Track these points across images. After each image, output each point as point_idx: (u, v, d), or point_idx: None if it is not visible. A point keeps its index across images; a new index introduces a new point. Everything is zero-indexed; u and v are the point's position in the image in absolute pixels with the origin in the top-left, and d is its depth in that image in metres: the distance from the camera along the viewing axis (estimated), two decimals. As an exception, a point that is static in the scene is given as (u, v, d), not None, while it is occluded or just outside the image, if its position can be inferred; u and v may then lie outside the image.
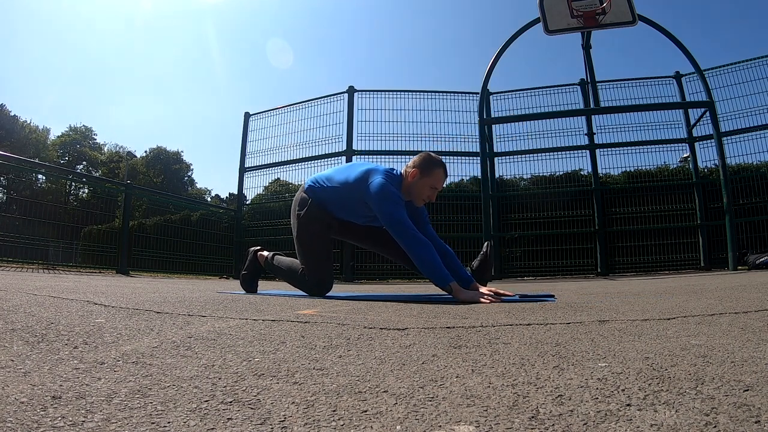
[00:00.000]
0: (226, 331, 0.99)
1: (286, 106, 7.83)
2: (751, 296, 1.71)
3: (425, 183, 2.20)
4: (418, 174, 2.19)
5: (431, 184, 2.21)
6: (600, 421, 0.43)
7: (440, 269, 1.95)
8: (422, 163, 2.21)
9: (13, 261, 5.75)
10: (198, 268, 7.50)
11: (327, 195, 2.29)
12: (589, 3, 5.94)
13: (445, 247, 2.24)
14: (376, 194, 2.09)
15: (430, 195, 2.23)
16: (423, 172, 2.19)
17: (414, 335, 0.98)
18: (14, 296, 1.57)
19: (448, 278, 1.93)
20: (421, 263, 2.00)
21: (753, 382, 0.54)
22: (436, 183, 2.22)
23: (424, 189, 2.21)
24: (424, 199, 2.24)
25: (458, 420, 0.45)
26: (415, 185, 2.21)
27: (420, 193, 2.22)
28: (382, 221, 2.10)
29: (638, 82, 7.28)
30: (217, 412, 0.48)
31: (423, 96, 7.46)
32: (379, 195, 2.08)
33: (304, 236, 2.33)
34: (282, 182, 8.02)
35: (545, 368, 0.65)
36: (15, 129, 36.37)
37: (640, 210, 6.93)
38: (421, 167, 2.20)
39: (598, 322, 1.13)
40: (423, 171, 2.19)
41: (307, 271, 2.33)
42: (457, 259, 2.22)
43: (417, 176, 2.19)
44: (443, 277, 1.94)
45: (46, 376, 0.59)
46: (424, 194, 2.22)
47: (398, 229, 2.03)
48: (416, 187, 2.21)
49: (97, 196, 11.78)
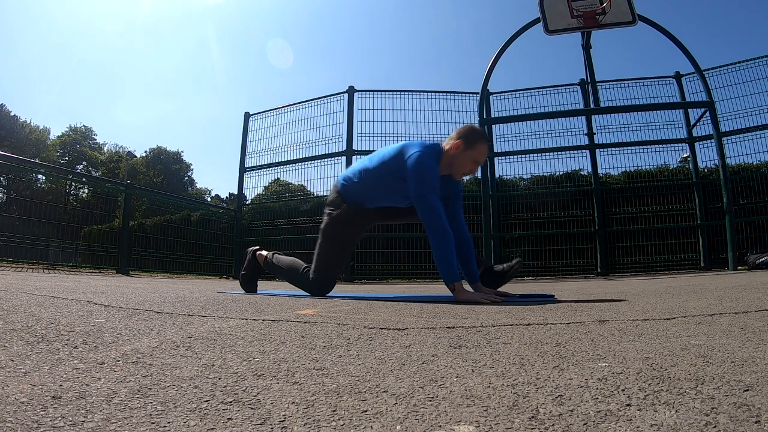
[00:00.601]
0: (226, 331, 0.99)
1: (286, 106, 7.83)
2: (751, 296, 1.71)
3: (468, 156, 2.12)
4: (462, 146, 2.11)
5: (474, 158, 2.13)
6: (600, 421, 0.43)
7: (451, 266, 1.95)
8: (466, 135, 2.13)
9: (13, 261, 5.75)
10: (198, 268, 7.50)
11: (363, 188, 2.24)
12: (589, 3, 5.94)
13: (466, 235, 2.22)
14: (413, 170, 2.02)
15: (471, 169, 2.16)
16: (467, 144, 2.11)
17: (414, 335, 0.98)
18: (14, 296, 1.57)
19: (454, 277, 1.93)
20: (437, 253, 1.98)
21: (753, 382, 0.54)
22: (479, 157, 2.15)
23: (466, 162, 2.14)
24: (466, 172, 2.18)
25: (458, 420, 0.45)
26: (457, 158, 2.13)
27: (462, 166, 2.15)
28: (413, 201, 2.05)
29: (638, 82, 7.28)
30: (217, 412, 0.48)
31: (423, 96, 7.46)
32: (415, 172, 2.02)
33: (328, 235, 2.31)
34: (282, 182, 8.02)
35: (545, 368, 0.65)
36: (15, 129, 36.39)
37: (640, 210, 6.92)
38: (465, 139, 2.12)
39: (598, 322, 1.13)
40: (467, 143, 2.12)
41: (316, 269, 2.30)
42: (472, 251, 2.20)
43: (460, 148, 2.11)
44: (451, 275, 1.94)
45: (46, 376, 0.59)
46: (465, 168, 2.15)
47: (427, 214, 1.99)
48: (458, 159, 2.13)
49: (97, 196, 11.78)
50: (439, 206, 2.00)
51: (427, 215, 1.99)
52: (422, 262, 6.87)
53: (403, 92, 7.45)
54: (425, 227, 2.02)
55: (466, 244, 2.19)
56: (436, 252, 1.98)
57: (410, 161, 2.04)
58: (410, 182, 2.04)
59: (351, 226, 2.33)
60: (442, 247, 1.96)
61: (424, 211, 2.00)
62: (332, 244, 2.31)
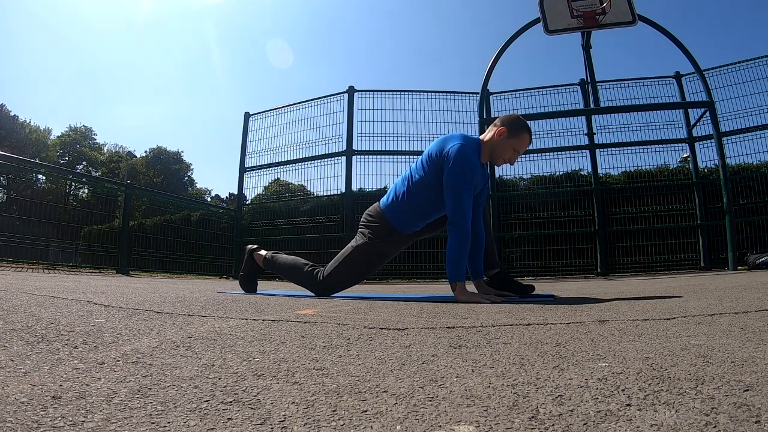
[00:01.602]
0: (226, 331, 0.99)
1: (286, 106, 7.83)
2: (751, 296, 1.71)
3: (510, 144, 2.14)
4: (506, 133, 2.13)
5: (515, 147, 2.15)
6: (600, 421, 0.43)
7: (460, 266, 1.96)
8: (511, 122, 2.15)
9: (13, 261, 5.75)
10: (198, 268, 7.50)
11: (412, 206, 2.17)
12: (589, 3, 5.94)
13: (481, 228, 2.22)
14: (453, 161, 2.01)
15: (511, 157, 2.17)
16: (511, 132, 2.13)
17: (414, 335, 0.98)
18: (14, 296, 1.57)
19: (459, 277, 1.94)
20: (451, 250, 1.98)
21: (753, 382, 0.54)
22: (520, 146, 2.16)
23: (507, 150, 2.15)
24: (506, 160, 2.18)
25: (458, 420, 0.45)
26: (500, 144, 2.14)
27: (502, 153, 2.16)
28: (445, 189, 2.04)
29: (638, 82, 7.28)
30: (217, 412, 0.48)
31: (423, 96, 7.46)
32: (455, 162, 2.00)
33: (360, 255, 2.23)
34: (282, 182, 8.02)
35: (545, 368, 0.65)
36: (15, 129, 36.39)
37: (640, 210, 6.92)
38: (509, 127, 2.13)
39: (598, 322, 1.13)
40: (511, 131, 2.13)
41: (333, 275, 2.24)
42: (482, 246, 2.21)
43: (504, 135, 2.13)
44: (456, 274, 1.95)
45: (46, 376, 0.59)
46: (506, 155, 2.16)
47: (455, 209, 1.99)
48: (500, 146, 2.14)
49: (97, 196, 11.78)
50: (469, 205, 2.01)
51: (454, 209, 1.99)
52: (422, 262, 6.88)
53: (403, 92, 7.44)
54: (448, 221, 2.02)
55: (479, 238, 2.18)
56: (450, 248, 1.98)
57: (452, 151, 2.03)
58: (447, 172, 2.02)
59: (387, 255, 2.29)
60: (458, 247, 1.97)
61: (452, 204, 2.00)
62: (361, 265, 2.25)
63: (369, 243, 2.23)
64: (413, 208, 2.17)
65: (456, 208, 1.99)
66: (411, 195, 2.16)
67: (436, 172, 2.09)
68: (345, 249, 2.29)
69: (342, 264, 2.25)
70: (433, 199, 2.14)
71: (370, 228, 2.26)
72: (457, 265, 1.95)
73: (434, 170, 2.10)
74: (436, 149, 2.11)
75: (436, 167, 2.09)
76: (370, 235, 2.24)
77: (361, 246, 2.24)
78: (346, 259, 2.24)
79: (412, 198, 2.16)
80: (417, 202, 2.16)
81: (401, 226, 2.21)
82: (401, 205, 2.18)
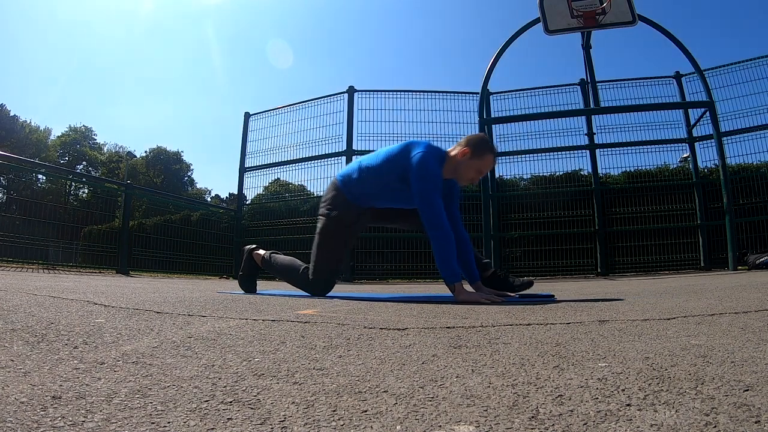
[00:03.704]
0: (226, 331, 0.99)
1: (286, 106, 7.83)
2: (751, 296, 1.71)
3: (473, 165, 2.14)
4: (469, 154, 2.13)
5: (478, 167, 2.16)
6: (600, 421, 0.43)
7: (452, 266, 1.96)
8: (476, 144, 2.15)
9: (13, 261, 5.75)
10: (198, 268, 7.50)
11: (362, 185, 2.23)
12: (589, 3, 5.94)
13: (463, 235, 2.22)
14: (417, 170, 2.03)
15: (474, 177, 2.18)
16: (474, 153, 2.13)
17: (414, 335, 0.98)
18: (14, 296, 1.57)
19: (455, 277, 1.94)
20: (438, 253, 1.98)
21: (753, 382, 0.54)
22: (484, 167, 2.18)
23: (470, 170, 2.16)
24: (469, 180, 2.19)
25: (458, 420, 0.45)
26: (462, 164, 2.15)
27: (465, 173, 2.17)
28: (416, 199, 2.05)
29: (638, 82, 7.28)
30: (217, 412, 0.48)
31: (423, 96, 7.46)
32: (419, 172, 2.03)
33: (326, 235, 2.29)
34: (282, 182, 8.02)
35: (545, 368, 0.65)
36: (15, 129, 36.39)
37: (640, 210, 6.92)
38: (474, 148, 2.14)
39: (598, 322, 1.13)
40: (474, 152, 2.13)
41: (315, 269, 2.29)
42: (471, 250, 2.21)
43: (467, 156, 2.13)
44: (451, 275, 1.94)
45: (46, 376, 0.59)
46: (469, 175, 2.17)
47: (429, 214, 2.00)
48: (463, 166, 2.15)
49: (97, 196, 11.78)
50: (441, 206, 2.01)
51: (428, 215, 2.00)
52: (422, 262, 6.87)
53: (403, 92, 7.44)
54: (426, 227, 2.02)
55: (465, 244, 2.19)
56: (437, 252, 1.98)
57: (414, 160, 2.05)
58: (413, 180, 2.05)
59: (349, 226, 2.31)
60: (444, 247, 1.97)
61: (426, 210, 2.00)
62: (331, 244, 2.29)
63: (329, 219, 2.28)
64: (363, 190, 2.24)
65: (428, 210, 2.00)
66: (361, 180, 2.23)
67: (390, 169, 2.13)
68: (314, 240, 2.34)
69: (316, 254, 2.29)
70: (377, 191, 2.22)
71: (327, 201, 2.32)
72: (448, 265, 1.95)
73: (390, 167, 2.14)
74: (399, 150, 2.14)
75: (393, 164, 2.13)
76: (329, 208, 2.29)
77: (324, 227, 2.29)
78: (317, 247, 2.30)
79: (362, 183, 2.23)
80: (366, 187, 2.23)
81: (354, 199, 2.26)
82: (354, 183, 2.26)
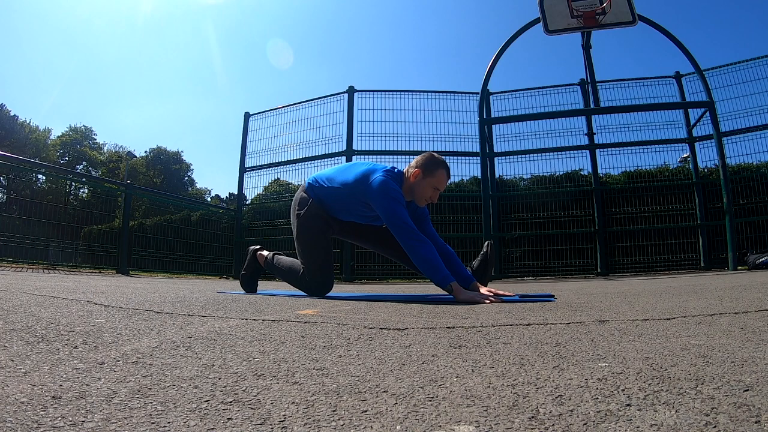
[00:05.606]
0: (226, 331, 0.99)
1: (286, 106, 7.84)
2: (751, 296, 1.71)
3: (428, 183, 2.19)
4: (421, 174, 2.18)
5: (434, 185, 2.19)
6: (600, 421, 0.43)
7: (441, 269, 1.95)
8: (425, 163, 2.20)
9: (13, 261, 5.75)
10: (198, 268, 7.50)
11: (327, 195, 2.28)
12: (589, 3, 5.94)
13: (445, 247, 2.24)
14: (378, 192, 2.07)
15: (432, 196, 2.21)
16: (425, 172, 2.18)
17: (414, 335, 0.98)
18: (14, 296, 1.57)
19: (448, 278, 1.93)
20: (421, 262, 1.99)
21: (753, 382, 0.54)
22: (439, 184, 2.20)
23: (426, 189, 2.20)
24: (427, 199, 2.22)
25: (458, 420, 0.45)
26: (417, 185, 2.19)
27: (422, 193, 2.20)
28: (383, 218, 2.09)
29: (638, 82, 7.29)
30: (217, 412, 0.48)
31: (423, 96, 7.46)
32: (380, 193, 2.07)
33: (304, 236, 2.31)
34: (282, 182, 8.02)
35: (545, 368, 0.65)
36: (15, 129, 36.40)
37: (640, 210, 6.93)
38: (423, 167, 2.19)
39: (598, 322, 1.13)
40: (425, 171, 2.18)
41: (308, 272, 2.31)
42: (457, 259, 2.22)
43: (419, 176, 2.18)
44: (444, 277, 1.94)
45: (46, 376, 0.59)
46: (426, 194, 2.21)
47: (399, 227, 2.02)
48: (418, 187, 2.19)
49: (97, 196, 11.77)
50: (408, 217, 2.06)
51: (398, 228, 2.03)
52: (422, 262, 6.86)
53: (403, 92, 7.45)
54: (400, 241, 2.04)
55: (449, 254, 2.22)
56: (420, 261, 1.99)
57: (374, 184, 2.09)
58: (376, 202, 2.09)
59: (323, 223, 2.32)
60: (424, 253, 1.98)
61: (395, 224, 2.04)
62: (312, 242, 2.31)
63: (302, 220, 2.31)
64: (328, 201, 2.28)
65: (397, 222, 2.03)
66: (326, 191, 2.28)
67: (351, 194, 2.19)
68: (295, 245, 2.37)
69: (301, 255, 2.33)
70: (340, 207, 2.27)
71: (297, 203, 2.37)
72: (437, 270, 1.95)
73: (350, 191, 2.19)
74: (360, 177, 2.17)
75: (353, 190, 2.18)
76: (299, 210, 2.33)
77: (300, 227, 2.32)
78: (300, 249, 2.33)
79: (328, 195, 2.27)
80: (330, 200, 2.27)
81: (320, 203, 2.30)
82: (321, 191, 2.30)
